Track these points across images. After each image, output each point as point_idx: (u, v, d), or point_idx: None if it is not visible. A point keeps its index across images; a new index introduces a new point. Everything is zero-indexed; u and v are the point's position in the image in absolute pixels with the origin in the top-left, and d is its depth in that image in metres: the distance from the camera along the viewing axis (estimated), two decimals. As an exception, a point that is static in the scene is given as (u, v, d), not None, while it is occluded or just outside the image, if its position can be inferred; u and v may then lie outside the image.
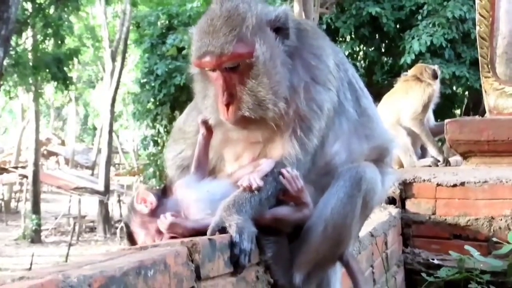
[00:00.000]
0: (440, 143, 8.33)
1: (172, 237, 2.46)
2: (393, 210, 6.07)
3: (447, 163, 7.77)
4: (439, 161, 7.83)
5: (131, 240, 2.64)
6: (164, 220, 2.42)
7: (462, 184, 6.11)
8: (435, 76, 8.24)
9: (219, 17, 2.62)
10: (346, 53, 17.85)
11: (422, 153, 8.25)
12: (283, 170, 2.56)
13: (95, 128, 49.19)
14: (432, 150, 7.98)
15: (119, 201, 31.37)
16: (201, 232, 2.38)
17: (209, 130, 2.79)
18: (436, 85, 8.28)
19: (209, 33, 2.60)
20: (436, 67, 8.58)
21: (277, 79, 2.62)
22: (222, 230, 2.36)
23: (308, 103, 2.68)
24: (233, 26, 2.59)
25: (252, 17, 2.62)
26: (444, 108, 15.91)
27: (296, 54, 2.73)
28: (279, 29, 2.67)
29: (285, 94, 2.63)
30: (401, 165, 7.82)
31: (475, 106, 17.39)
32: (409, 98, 8.06)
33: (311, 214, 2.65)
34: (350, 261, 2.97)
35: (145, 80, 21.30)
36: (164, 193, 2.63)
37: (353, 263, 3.01)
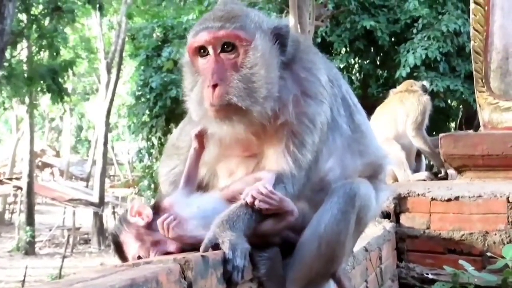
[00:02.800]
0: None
1: (166, 253, 2.44)
2: (388, 225, 6.06)
3: (446, 174, 7.78)
4: (436, 174, 7.85)
5: (120, 251, 2.62)
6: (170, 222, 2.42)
7: (457, 198, 6.10)
8: (424, 90, 8.31)
9: (223, 11, 2.64)
10: (341, 66, 17.88)
11: (417, 167, 8.26)
12: (253, 193, 2.44)
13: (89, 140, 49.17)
14: (434, 161, 8.01)
15: (113, 213, 31.34)
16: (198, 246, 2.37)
17: (201, 144, 2.77)
18: (427, 98, 8.35)
19: (211, 19, 2.61)
20: (425, 82, 8.73)
21: (272, 76, 2.60)
22: (215, 246, 2.33)
23: (299, 117, 2.65)
24: (236, 16, 2.61)
25: (255, 16, 2.67)
26: (438, 122, 15.94)
27: (287, 68, 2.70)
28: (277, 40, 2.66)
29: (275, 97, 2.60)
30: (396, 179, 7.82)
31: (470, 119, 17.41)
32: (406, 108, 8.08)
33: (296, 216, 2.53)
34: (342, 278, 2.95)
35: (140, 92, 21.29)
36: (154, 209, 2.60)
37: (345, 280, 2.99)
